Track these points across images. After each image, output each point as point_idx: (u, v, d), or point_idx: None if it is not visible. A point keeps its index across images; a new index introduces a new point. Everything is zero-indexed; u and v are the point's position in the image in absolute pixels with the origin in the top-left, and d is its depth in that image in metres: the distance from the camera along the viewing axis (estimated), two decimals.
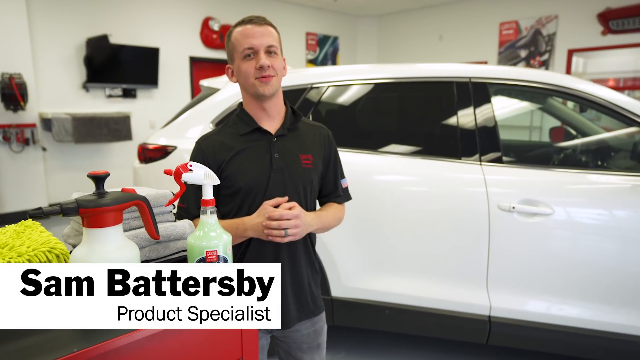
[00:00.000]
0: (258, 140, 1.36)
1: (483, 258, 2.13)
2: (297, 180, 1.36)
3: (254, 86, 1.31)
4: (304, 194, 1.38)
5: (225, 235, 1.01)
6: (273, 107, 1.38)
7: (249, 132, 1.36)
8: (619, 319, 2.02)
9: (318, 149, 1.43)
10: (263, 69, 1.29)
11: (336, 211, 1.48)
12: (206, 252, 0.97)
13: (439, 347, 2.66)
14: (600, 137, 2.68)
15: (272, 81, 1.31)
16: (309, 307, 1.44)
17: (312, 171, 1.39)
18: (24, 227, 1.00)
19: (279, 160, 1.34)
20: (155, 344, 0.85)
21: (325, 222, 1.41)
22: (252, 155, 1.34)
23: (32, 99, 5.50)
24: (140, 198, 0.89)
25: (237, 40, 1.32)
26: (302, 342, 1.45)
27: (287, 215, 1.24)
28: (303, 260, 1.41)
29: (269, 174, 1.33)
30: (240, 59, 1.32)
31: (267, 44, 1.30)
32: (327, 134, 1.48)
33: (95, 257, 0.81)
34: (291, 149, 1.37)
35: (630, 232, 1.99)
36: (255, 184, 1.32)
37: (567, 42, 7.32)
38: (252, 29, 1.30)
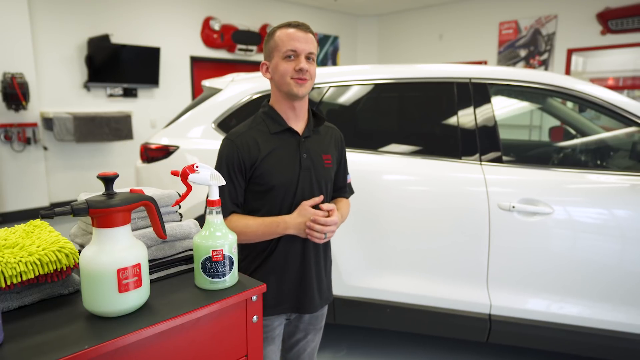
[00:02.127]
0: (288, 139, 1.44)
1: (483, 257, 2.15)
2: (321, 179, 1.46)
3: (289, 85, 1.38)
4: (326, 191, 1.49)
5: (230, 235, 1.03)
6: (301, 108, 1.45)
7: (280, 131, 1.43)
8: (619, 317, 2.04)
9: (334, 149, 1.54)
10: (302, 72, 1.36)
11: (347, 206, 1.61)
12: (212, 252, 0.99)
13: (439, 345, 2.68)
14: (599, 136, 2.70)
15: (306, 84, 1.39)
16: (326, 294, 1.57)
17: (331, 170, 1.51)
18: (33, 226, 1.02)
19: (306, 160, 1.43)
20: (163, 341, 0.86)
21: (344, 218, 1.55)
22: (283, 155, 1.41)
23: (34, 98, 5.51)
24: (148, 198, 0.91)
25: (281, 41, 1.38)
26: (310, 324, 1.58)
27: (330, 222, 1.36)
28: (324, 254, 1.53)
29: (299, 173, 1.42)
30: (281, 57, 1.38)
31: (309, 50, 1.38)
32: (340, 135, 1.59)
33: (104, 256, 0.83)
34: (316, 150, 1.47)
35: (629, 231, 2.01)
36: (287, 183, 1.40)
37: (566, 42, 7.33)
38: (298, 33, 1.37)
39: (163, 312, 0.88)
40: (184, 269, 1.10)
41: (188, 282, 1.04)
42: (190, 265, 1.11)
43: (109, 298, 0.83)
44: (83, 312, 0.88)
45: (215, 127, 2.55)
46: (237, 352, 1.01)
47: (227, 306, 0.96)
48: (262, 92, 2.53)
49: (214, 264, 0.99)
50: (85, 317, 0.86)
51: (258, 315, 1.03)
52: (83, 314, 0.87)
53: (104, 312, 0.85)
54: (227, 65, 7.74)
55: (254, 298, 1.01)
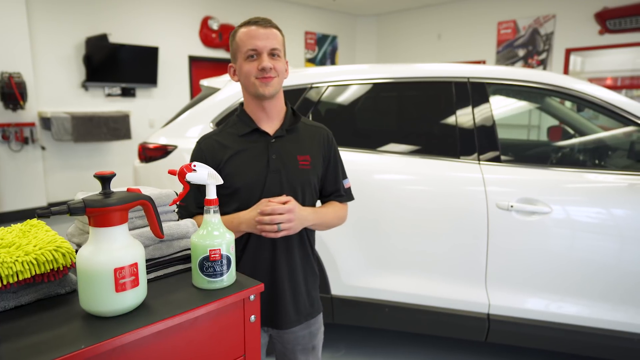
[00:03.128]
0: (256, 141, 1.38)
1: (482, 256, 2.15)
2: (294, 182, 1.37)
3: (254, 86, 1.33)
4: (302, 195, 1.39)
5: (228, 234, 1.03)
6: (273, 108, 1.39)
7: (247, 132, 1.38)
8: (617, 316, 2.04)
9: (317, 149, 1.44)
10: (265, 71, 1.30)
11: (337, 209, 1.48)
12: (210, 251, 0.99)
13: (438, 344, 2.68)
14: (597, 136, 2.70)
15: (272, 82, 1.33)
16: (306, 310, 1.45)
17: (309, 172, 1.40)
18: (30, 226, 1.02)
19: (276, 161, 1.36)
20: (161, 341, 0.86)
21: (324, 218, 1.42)
22: (250, 156, 1.36)
23: (32, 98, 5.50)
24: (146, 198, 0.90)
25: (241, 41, 1.33)
26: (297, 344, 1.46)
27: (279, 210, 1.25)
28: (300, 262, 1.42)
29: (266, 175, 1.35)
30: (243, 59, 1.33)
31: (271, 46, 1.31)
32: (326, 135, 1.48)
33: (101, 255, 0.83)
34: (289, 150, 1.38)
35: (628, 230, 2.01)
36: (252, 185, 1.34)
37: (564, 42, 7.34)
38: (257, 30, 1.31)
39: (160, 311, 0.88)
40: (182, 268, 1.10)
41: (186, 281, 1.04)
42: (188, 265, 1.11)
43: (106, 297, 0.83)
44: (80, 312, 0.87)
45: (214, 127, 2.54)
46: (234, 351, 1.00)
47: (224, 306, 0.96)
48: None
49: (211, 264, 0.99)
50: (82, 317, 0.86)
51: (256, 314, 1.02)
52: (80, 313, 0.87)
53: (100, 312, 0.84)
54: (226, 64, 7.73)
55: (252, 297, 1.01)
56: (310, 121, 1.52)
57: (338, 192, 1.51)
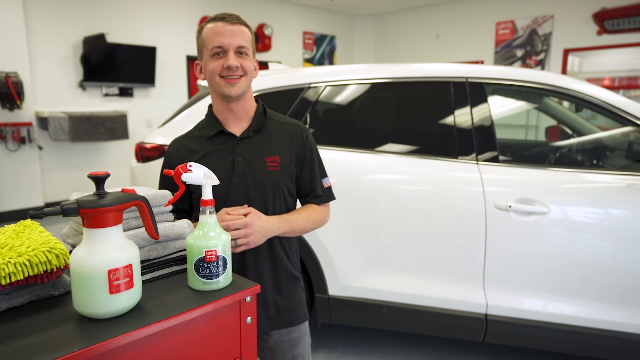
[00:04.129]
0: (222, 143, 1.33)
1: (480, 256, 2.14)
2: (261, 184, 1.31)
3: (220, 85, 1.27)
4: (272, 197, 1.32)
5: (224, 235, 1.02)
6: (240, 109, 1.34)
7: (213, 134, 1.33)
8: (615, 316, 2.04)
9: (288, 149, 1.35)
10: (231, 69, 1.25)
11: (312, 212, 1.39)
12: (205, 252, 0.98)
13: (436, 345, 2.68)
14: (595, 136, 2.70)
15: (240, 82, 1.27)
16: (282, 316, 1.39)
17: (278, 173, 1.32)
18: (23, 227, 1.01)
19: (241, 164, 1.30)
20: (155, 343, 0.85)
21: (295, 225, 1.33)
22: (215, 160, 1.30)
23: (29, 97, 5.48)
24: (140, 198, 0.89)
25: (207, 37, 1.27)
26: (275, 349, 1.42)
27: (234, 225, 1.18)
28: (271, 270, 1.37)
29: (231, 179, 1.29)
30: (209, 56, 1.27)
31: (238, 44, 1.26)
32: (300, 132, 1.39)
33: (95, 257, 0.82)
34: (257, 151, 1.32)
35: (626, 231, 2.01)
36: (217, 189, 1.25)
37: (562, 42, 7.35)
38: (224, 27, 1.25)
39: (155, 313, 0.87)
40: (178, 269, 1.09)
41: (181, 282, 1.03)
42: (184, 266, 1.10)
43: (100, 299, 0.82)
44: (73, 314, 0.86)
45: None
46: (230, 353, 1.00)
47: (220, 307, 0.95)
48: (257, 92, 2.52)
49: (207, 265, 0.98)
50: (76, 319, 0.85)
51: (252, 316, 1.01)
52: (73, 315, 0.86)
53: (94, 314, 0.83)
54: None
55: (248, 299, 1.00)
56: (286, 118, 1.43)
57: (314, 193, 1.41)
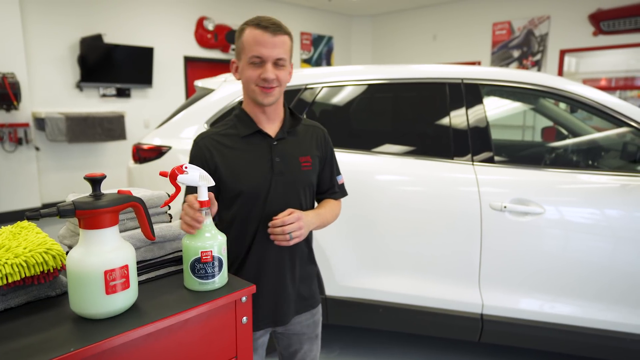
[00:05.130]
0: (259, 143, 1.35)
1: (475, 257, 2.15)
2: (297, 183, 1.36)
3: (254, 92, 1.30)
4: (304, 196, 1.39)
5: (220, 236, 1.03)
6: (273, 111, 1.38)
7: (249, 134, 1.35)
8: (610, 316, 2.05)
9: (315, 149, 1.43)
10: (267, 81, 1.27)
11: (333, 207, 1.50)
12: (201, 253, 0.99)
13: (432, 345, 2.69)
14: (590, 137, 2.71)
15: (274, 92, 1.31)
16: (308, 301, 1.47)
17: (311, 173, 1.40)
18: (20, 228, 1.01)
19: (279, 164, 1.34)
20: (151, 343, 0.86)
21: (324, 219, 1.43)
22: (252, 159, 1.33)
23: (25, 98, 5.47)
24: (136, 199, 0.90)
25: (247, 43, 1.28)
26: (303, 333, 1.48)
27: (289, 220, 1.24)
28: (301, 261, 1.43)
29: (271, 178, 1.32)
30: (247, 62, 1.29)
31: (277, 56, 1.28)
32: (323, 134, 1.48)
33: (92, 258, 0.83)
34: (291, 152, 1.37)
35: (620, 231, 2.02)
36: (256, 188, 1.31)
37: (559, 43, 7.37)
38: (264, 36, 1.26)
39: (151, 313, 0.88)
40: (174, 270, 1.10)
41: (177, 283, 1.04)
42: (180, 267, 1.11)
43: (96, 300, 0.83)
44: (70, 314, 0.87)
45: (208, 128, 2.54)
46: (226, 353, 1.00)
47: (216, 307, 0.96)
48: None
49: (202, 265, 0.98)
50: (72, 320, 0.85)
51: (247, 316, 1.02)
52: (70, 316, 0.87)
53: (91, 314, 0.84)
54: (221, 65, 7.72)
55: (244, 299, 1.01)
56: (307, 120, 1.50)
57: (333, 190, 1.51)
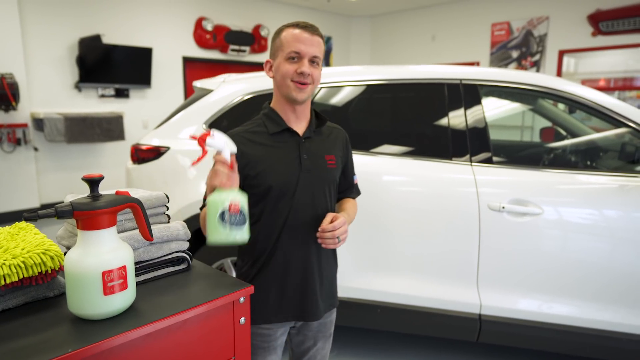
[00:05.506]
0: (287, 140, 1.39)
1: (474, 257, 2.16)
2: (323, 181, 1.42)
3: (289, 88, 1.35)
4: (329, 193, 1.45)
5: (243, 195, 1.10)
6: (302, 111, 1.43)
7: (279, 132, 1.39)
8: (608, 316, 2.05)
9: (339, 150, 1.50)
10: (303, 75, 1.33)
11: (354, 207, 1.59)
12: (230, 203, 1.04)
13: (430, 345, 2.69)
14: (588, 137, 2.72)
15: (307, 89, 1.36)
16: (331, 300, 1.52)
17: (335, 171, 1.46)
18: (18, 229, 1.01)
19: (307, 161, 1.39)
20: (149, 344, 0.86)
21: (351, 219, 1.52)
22: (281, 155, 1.37)
23: (24, 98, 5.46)
24: (134, 200, 0.90)
25: (286, 40, 1.34)
26: (319, 331, 1.52)
27: (338, 225, 1.31)
28: (328, 253, 1.48)
29: (298, 175, 1.37)
30: (284, 58, 1.34)
31: (313, 54, 1.34)
32: (344, 136, 1.56)
33: (89, 259, 0.83)
34: (317, 151, 1.42)
35: (618, 232, 2.03)
36: (285, 184, 1.35)
37: (558, 43, 7.38)
38: (303, 34, 1.33)
39: (149, 314, 0.88)
40: (172, 270, 1.10)
41: (176, 284, 1.04)
42: (178, 267, 1.11)
43: (94, 301, 0.83)
44: (68, 315, 0.87)
45: (206, 128, 2.54)
46: (224, 353, 1.01)
47: (214, 308, 0.96)
48: (253, 93, 2.53)
49: (231, 215, 1.03)
50: (70, 320, 0.85)
51: (245, 317, 1.02)
52: (68, 316, 0.87)
53: (88, 315, 0.84)
54: (220, 65, 7.72)
55: (242, 300, 1.01)
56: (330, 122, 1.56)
57: (351, 189, 1.61)
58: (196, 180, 2.49)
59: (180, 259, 1.12)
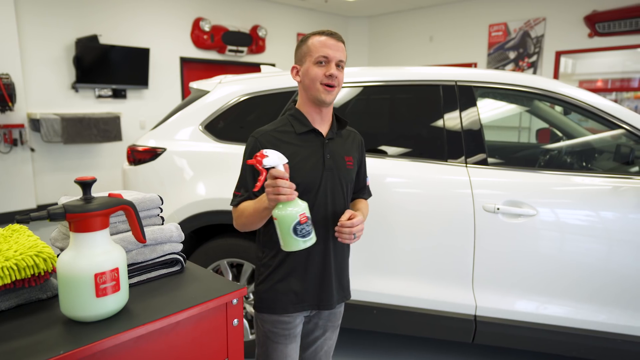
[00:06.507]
0: (312, 140, 1.48)
1: (469, 258, 2.16)
2: (343, 180, 1.51)
3: (318, 91, 1.43)
4: (347, 191, 1.55)
5: (302, 201, 1.25)
6: (326, 113, 1.51)
7: (305, 132, 1.47)
8: (602, 317, 2.06)
9: (355, 152, 1.60)
10: (332, 77, 1.42)
11: (367, 207, 1.71)
12: (300, 215, 1.21)
13: (426, 346, 2.70)
14: (583, 139, 2.73)
15: (334, 91, 1.45)
16: (344, 292, 1.61)
17: (353, 172, 1.57)
18: (11, 231, 1.02)
19: (330, 161, 1.48)
20: (142, 346, 0.86)
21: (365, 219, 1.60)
22: (307, 154, 1.45)
23: (20, 99, 5.46)
24: (127, 203, 0.90)
25: (314, 46, 1.44)
26: (329, 320, 1.61)
27: (356, 222, 1.40)
28: (343, 248, 1.58)
29: (322, 173, 1.46)
30: (313, 63, 1.43)
31: (339, 58, 1.44)
32: (360, 139, 1.66)
33: (82, 261, 0.83)
34: (339, 151, 1.52)
35: (612, 233, 2.03)
36: (310, 182, 1.44)
37: (555, 44, 7.40)
38: (330, 41, 1.43)
39: (141, 316, 0.88)
40: (165, 272, 1.10)
41: (169, 285, 1.04)
42: (172, 269, 1.11)
43: (86, 303, 0.83)
44: (61, 317, 0.87)
45: (203, 129, 2.54)
46: (217, 355, 1.01)
47: (207, 310, 0.96)
48: (250, 94, 2.53)
49: (302, 226, 1.19)
50: (63, 322, 0.86)
51: (238, 318, 1.03)
52: (61, 319, 0.87)
53: (81, 317, 0.84)
54: (218, 66, 7.72)
55: (235, 301, 1.01)
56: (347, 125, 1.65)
57: (364, 190, 1.71)
58: (192, 181, 2.49)
59: (174, 260, 1.12)
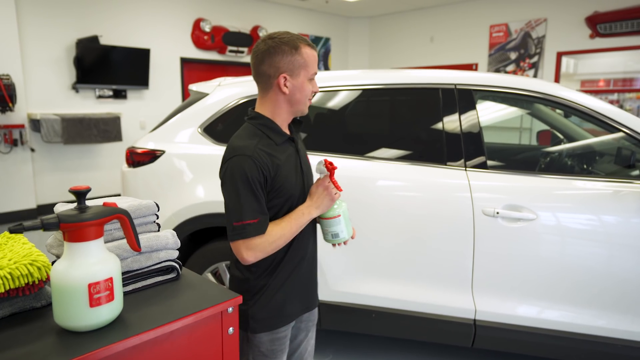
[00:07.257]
0: (288, 149, 1.45)
1: (468, 262, 2.16)
2: (312, 180, 1.54)
3: (305, 105, 1.43)
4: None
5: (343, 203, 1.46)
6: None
7: (284, 141, 1.43)
8: (602, 322, 2.06)
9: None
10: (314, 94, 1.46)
11: None
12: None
13: (425, 350, 2.69)
14: (584, 142, 2.72)
15: None
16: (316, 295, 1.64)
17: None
18: (7, 238, 1.01)
19: (304, 165, 1.50)
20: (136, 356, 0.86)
21: None
22: (291, 163, 1.44)
23: (21, 99, 5.46)
24: (122, 212, 0.90)
25: (310, 61, 1.40)
26: (309, 321, 1.61)
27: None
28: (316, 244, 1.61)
29: (302, 179, 1.47)
30: (307, 78, 1.40)
31: None
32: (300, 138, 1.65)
33: (75, 270, 0.82)
34: (304, 153, 1.53)
35: (612, 237, 2.03)
36: (299, 189, 1.45)
37: (556, 45, 7.39)
38: (315, 54, 1.43)
39: (136, 325, 0.88)
40: (161, 280, 1.09)
41: (164, 293, 1.04)
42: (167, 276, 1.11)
43: (80, 313, 0.83)
44: (54, 327, 0.87)
45: (202, 132, 2.54)
46: None
47: (202, 319, 0.96)
48: (248, 97, 2.53)
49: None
50: (56, 332, 0.85)
51: (234, 326, 1.02)
52: (54, 328, 0.87)
53: (74, 327, 0.84)
54: (218, 67, 7.72)
55: (230, 310, 1.01)
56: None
57: None
58: (191, 184, 2.49)
59: (170, 268, 1.12)
